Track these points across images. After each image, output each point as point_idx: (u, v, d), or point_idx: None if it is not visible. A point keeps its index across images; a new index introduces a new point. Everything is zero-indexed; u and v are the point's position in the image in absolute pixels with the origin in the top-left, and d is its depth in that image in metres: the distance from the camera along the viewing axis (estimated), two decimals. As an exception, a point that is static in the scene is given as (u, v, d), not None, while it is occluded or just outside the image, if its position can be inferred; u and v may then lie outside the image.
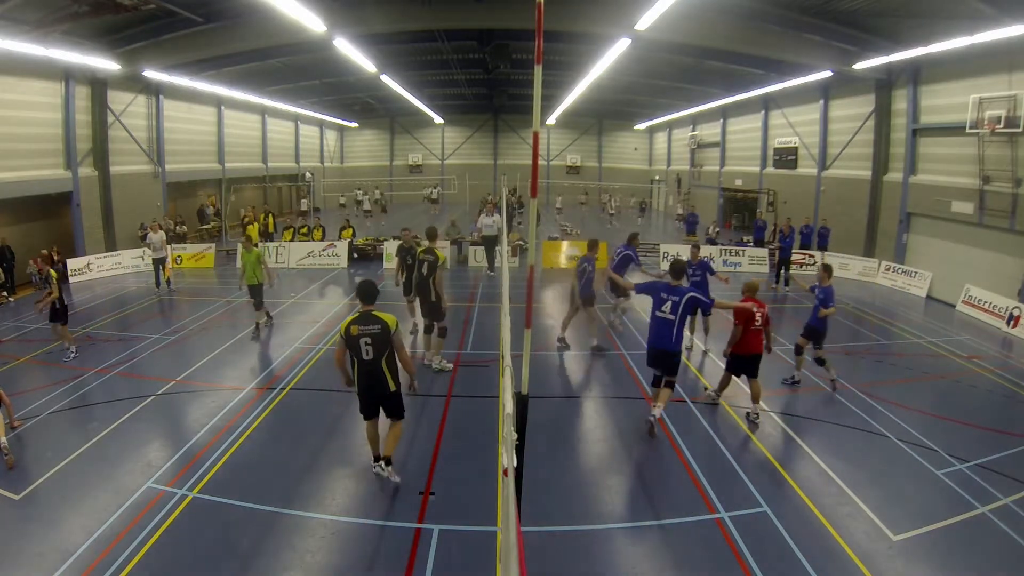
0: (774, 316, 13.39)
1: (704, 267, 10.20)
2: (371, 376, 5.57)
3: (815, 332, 8.60)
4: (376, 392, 5.63)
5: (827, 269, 8.86)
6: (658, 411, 6.85)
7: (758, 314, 7.41)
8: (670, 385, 6.97)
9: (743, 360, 7.57)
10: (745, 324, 7.39)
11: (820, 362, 8.68)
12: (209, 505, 5.54)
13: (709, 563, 4.88)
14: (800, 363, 8.83)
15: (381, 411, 5.80)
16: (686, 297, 6.71)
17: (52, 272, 9.60)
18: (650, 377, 7.35)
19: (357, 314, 5.62)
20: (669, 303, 6.75)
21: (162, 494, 5.67)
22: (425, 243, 9.31)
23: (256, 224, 20.21)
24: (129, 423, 7.26)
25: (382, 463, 5.84)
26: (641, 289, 7.29)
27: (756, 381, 7.58)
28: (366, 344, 5.48)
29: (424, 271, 8.77)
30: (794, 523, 5.37)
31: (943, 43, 12.93)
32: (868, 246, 18.24)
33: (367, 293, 5.71)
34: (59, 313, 9.61)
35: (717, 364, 9.81)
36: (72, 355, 9.63)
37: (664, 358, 6.89)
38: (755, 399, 7.56)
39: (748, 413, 7.62)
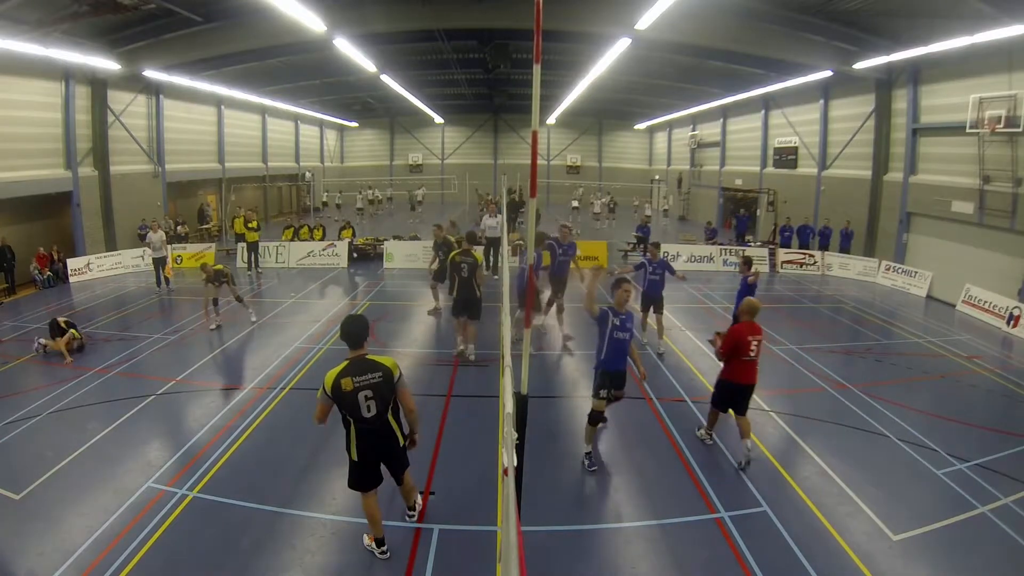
0: (771, 315, 13.43)
1: (663, 266, 10.10)
2: (376, 436, 4.52)
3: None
4: (384, 451, 4.65)
5: (747, 262, 9.06)
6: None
7: (753, 343, 6.24)
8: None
9: (731, 389, 6.39)
10: (733, 354, 6.26)
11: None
12: (209, 505, 5.54)
13: (709, 563, 4.88)
14: None
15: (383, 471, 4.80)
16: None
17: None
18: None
19: (346, 363, 4.43)
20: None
21: (162, 494, 5.67)
22: (462, 245, 9.94)
23: (240, 220, 19.44)
24: (129, 423, 7.26)
25: (409, 511, 5.27)
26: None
27: (746, 418, 6.36)
28: (367, 399, 4.40)
29: (465, 274, 9.27)
30: (794, 523, 5.37)
31: (943, 43, 12.93)
32: (868, 246, 18.25)
33: (354, 334, 4.48)
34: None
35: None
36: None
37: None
38: (744, 434, 6.31)
39: (739, 462, 6.34)
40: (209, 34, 15.29)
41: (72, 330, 9.93)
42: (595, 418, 6.38)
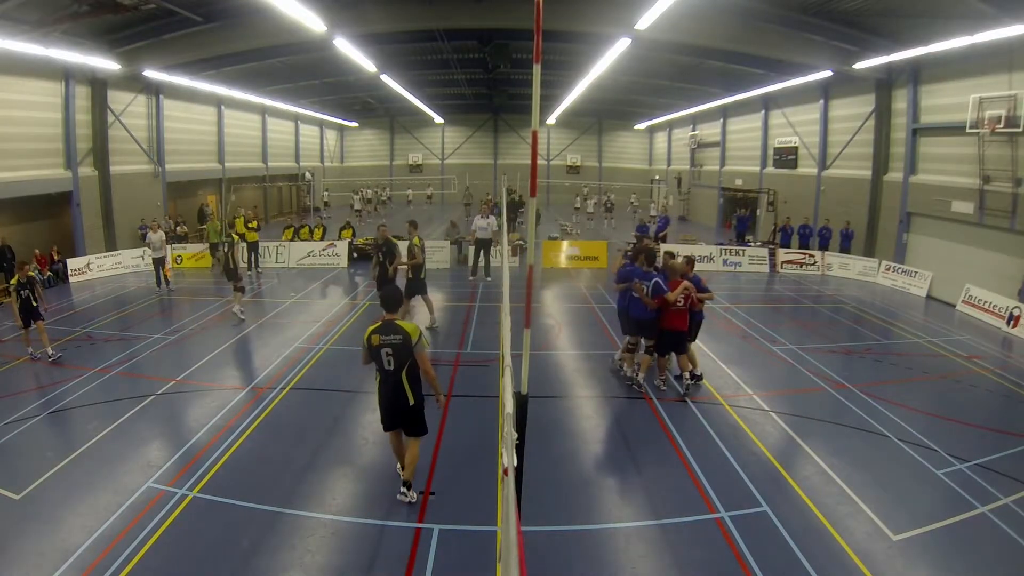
0: (771, 315, 13.45)
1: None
2: (392, 388, 5.31)
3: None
4: (396, 405, 5.37)
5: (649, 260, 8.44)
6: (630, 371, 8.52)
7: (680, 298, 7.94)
8: (650, 352, 8.28)
9: (670, 336, 8.08)
10: (663, 306, 7.88)
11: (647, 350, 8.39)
12: (209, 505, 5.54)
13: (709, 563, 4.88)
14: (647, 365, 8.39)
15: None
16: (652, 281, 7.95)
17: None
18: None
19: (379, 323, 5.32)
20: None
21: (162, 494, 5.67)
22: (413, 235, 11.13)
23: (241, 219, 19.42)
24: (129, 423, 7.25)
25: (403, 488, 5.56)
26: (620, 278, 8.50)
27: (684, 356, 8.24)
28: (387, 355, 5.25)
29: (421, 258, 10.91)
30: (794, 523, 5.37)
31: (943, 43, 12.93)
32: (868, 246, 18.25)
33: (391, 300, 5.46)
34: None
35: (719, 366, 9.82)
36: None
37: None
38: (684, 367, 8.22)
39: (685, 387, 8.21)
40: (209, 34, 15.29)
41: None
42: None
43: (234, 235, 11.68)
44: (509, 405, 3.10)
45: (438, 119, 37.66)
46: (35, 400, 7.94)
